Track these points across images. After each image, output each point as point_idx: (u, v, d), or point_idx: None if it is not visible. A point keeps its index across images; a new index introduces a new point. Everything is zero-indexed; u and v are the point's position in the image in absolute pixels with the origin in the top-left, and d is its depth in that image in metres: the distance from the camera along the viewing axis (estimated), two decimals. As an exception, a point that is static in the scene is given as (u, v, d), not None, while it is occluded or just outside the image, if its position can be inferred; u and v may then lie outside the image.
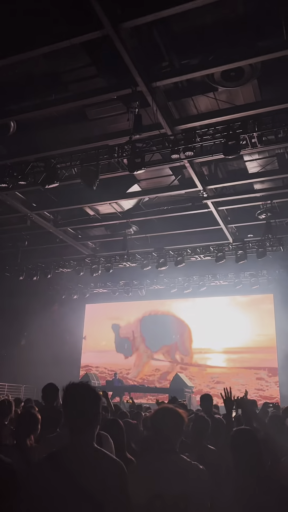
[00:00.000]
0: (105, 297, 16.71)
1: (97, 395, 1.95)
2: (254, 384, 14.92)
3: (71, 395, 1.92)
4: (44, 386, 4.12)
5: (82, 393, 1.92)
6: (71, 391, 1.93)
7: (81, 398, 1.90)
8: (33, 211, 11.26)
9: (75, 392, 1.93)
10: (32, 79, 7.36)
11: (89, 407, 1.90)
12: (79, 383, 1.98)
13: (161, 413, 2.27)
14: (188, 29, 6.44)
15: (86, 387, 1.96)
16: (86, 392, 1.93)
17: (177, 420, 2.21)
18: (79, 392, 1.93)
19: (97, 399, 1.94)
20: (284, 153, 8.91)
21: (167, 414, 2.24)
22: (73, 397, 1.92)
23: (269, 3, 6.00)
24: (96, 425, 1.92)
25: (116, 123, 8.00)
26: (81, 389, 1.94)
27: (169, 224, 12.17)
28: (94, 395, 1.94)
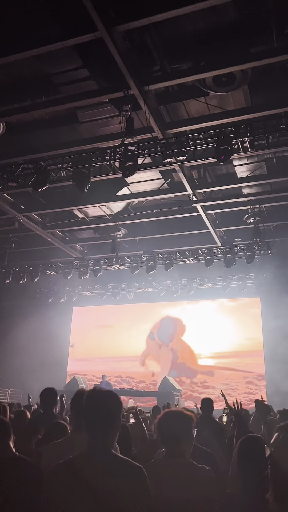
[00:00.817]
0: (93, 300, 16.62)
1: (118, 402, 1.91)
2: (243, 388, 14.98)
3: (93, 402, 1.88)
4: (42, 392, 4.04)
5: (105, 400, 1.88)
6: (94, 398, 1.88)
7: (104, 404, 1.86)
8: (21, 213, 11.15)
9: (98, 398, 1.88)
10: (23, 81, 7.31)
11: (111, 413, 1.86)
12: (101, 389, 1.94)
13: (169, 416, 2.23)
14: (180, 34, 6.48)
15: (109, 393, 1.91)
16: (109, 399, 1.88)
17: (186, 423, 2.18)
18: (101, 398, 1.88)
19: (119, 406, 1.90)
20: (273, 158, 9.02)
21: (175, 417, 2.21)
22: (95, 404, 1.87)
23: (260, 10, 6.08)
24: (117, 432, 1.89)
25: (107, 126, 7.99)
26: (104, 396, 1.90)
27: (158, 227, 12.21)
28: (117, 401, 1.90)
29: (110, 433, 1.86)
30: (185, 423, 2.19)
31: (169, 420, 2.22)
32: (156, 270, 12.95)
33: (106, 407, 1.85)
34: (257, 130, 6.88)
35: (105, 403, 1.86)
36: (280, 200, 10.46)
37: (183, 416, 2.22)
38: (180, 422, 2.19)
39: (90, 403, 1.87)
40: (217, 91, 7.13)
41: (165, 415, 2.28)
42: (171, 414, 2.27)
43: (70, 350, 17.68)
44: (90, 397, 1.89)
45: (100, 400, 1.87)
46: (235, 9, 6.13)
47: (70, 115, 7.96)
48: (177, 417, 2.22)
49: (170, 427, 2.19)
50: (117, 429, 1.88)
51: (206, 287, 15.05)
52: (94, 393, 1.91)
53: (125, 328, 17.16)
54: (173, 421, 2.20)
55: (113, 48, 5.80)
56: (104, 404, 1.85)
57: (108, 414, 1.85)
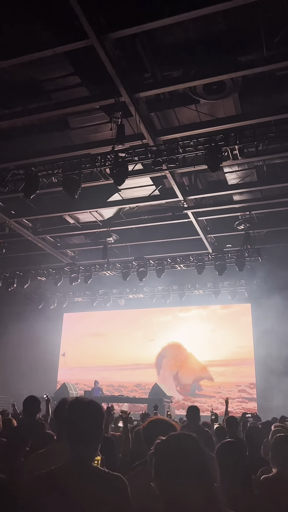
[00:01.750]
0: (84, 306, 16.54)
1: (101, 412, 1.89)
2: (236, 396, 14.95)
3: (75, 412, 1.85)
4: (24, 399, 4.01)
5: (86, 410, 1.85)
6: (76, 408, 1.87)
7: (85, 415, 1.84)
8: (11, 218, 11.11)
9: (80, 409, 1.86)
10: (15, 87, 7.31)
11: (93, 424, 1.84)
12: (83, 399, 1.92)
13: (153, 425, 2.23)
14: (171, 42, 6.54)
15: (92, 404, 1.89)
16: (91, 410, 1.86)
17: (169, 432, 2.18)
18: (83, 408, 1.86)
19: (100, 417, 1.88)
20: (263, 166, 9.10)
21: (159, 425, 2.19)
22: (77, 414, 1.85)
23: (250, 20, 6.16)
24: (99, 442, 1.87)
25: (98, 132, 8.01)
26: (86, 406, 1.87)
27: (150, 233, 12.22)
28: (98, 412, 1.88)
29: (92, 444, 1.84)
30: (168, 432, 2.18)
31: (153, 429, 2.20)
32: (147, 276, 12.94)
33: (88, 418, 1.83)
34: (247, 138, 6.94)
35: (87, 414, 1.84)
36: (270, 207, 10.55)
37: (167, 425, 2.20)
38: (162, 432, 2.17)
39: (72, 414, 1.85)
40: (207, 99, 7.19)
41: (150, 423, 2.27)
42: (155, 422, 2.25)
43: (61, 358, 17.56)
44: (72, 407, 1.87)
45: (83, 411, 1.85)
46: (225, 19, 6.21)
47: (62, 121, 7.98)
48: (161, 426, 2.20)
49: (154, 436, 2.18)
50: (99, 439, 1.86)
51: (197, 293, 15.07)
52: (76, 403, 1.89)
53: (116, 335, 17.09)
54: (156, 430, 2.19)
55: (104, 56, 5.83)
56: (86, 415, 1.84)
57: (90, 425, 1.83)
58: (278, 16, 6.12)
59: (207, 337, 16.01)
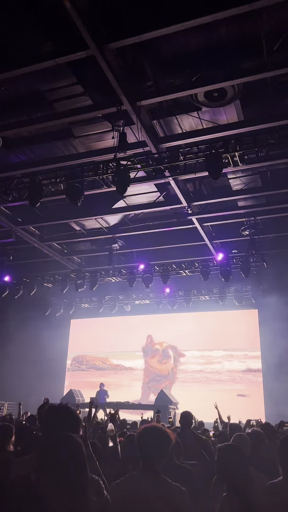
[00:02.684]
0: (91, 313, 16.59)
1: (77, 419, 1.93)
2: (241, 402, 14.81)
3: (51, 419, 1.91)
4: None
5: (61, 417, 1.90)
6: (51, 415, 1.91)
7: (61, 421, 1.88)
8: (18, 225, 11.23)
9: (54, 416, 1.91)
10: (19, 97, 7.43)
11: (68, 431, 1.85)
12: (59, 405, 1.96)
13: (147, 432, 2.24)
14: (172, 50, 6.59)
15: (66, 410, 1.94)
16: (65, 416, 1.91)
17: (162, 440, 2.18)
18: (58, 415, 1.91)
19: (77, 423, 1.92)
20: (267, 171, 9.10)
21: (152, 433, 2.21)
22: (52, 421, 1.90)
23: (251, 27, 6.20)
24: None
25: (101, 141, 8.09)
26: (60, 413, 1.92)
27: (155, 239, 12.25)
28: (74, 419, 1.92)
29: None
30: (161, 440, 2.19)
31: (146, 436, 2.22)
32: (153, 283, 12.96)
33: (63, 426, 1.87)
34: (247, 144, 6.96)
35: (62, 421, 1.88)
36: (275, 213, 10.53)
37: (160, 433, 2.21)
38: (155, 439, 2.18)
39: (48, 421, 1.90)
40: (209, 106, 7.23)
41: (143, 430, 2.29)
42: (148, 430, 2.27)
43: (67, 362, 17.61)
44: (48, 415, 1.92)
45: (58, 418, 1.90)
46: (226, 26, 6.25)
47: (65, 130, 8.07)
48: (154, 434, 2.21)
49: (146, 443, 2.19)
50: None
51: (203, 299, 15.03)
52: (52, 411, 1.93)
53: (123, 340, 17.09)
54: (149, 437, 2.20)
55: (105, 66, 5.91)
56: (61, 423, 1.88)
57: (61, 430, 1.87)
58: (279, 22, 6.15)
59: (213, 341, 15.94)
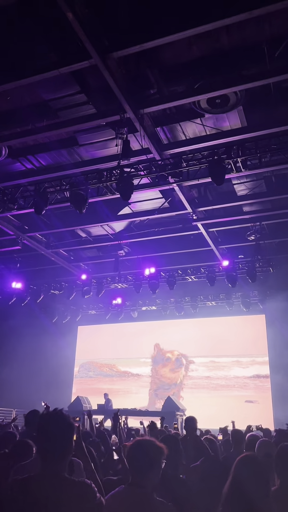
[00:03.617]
0: (98, 319, 16.62)
1: (70, 425, 1.93)
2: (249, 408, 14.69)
3: (44, 425, 1.93)
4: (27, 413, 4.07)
5: (54, 423, 1.91)
6: (44, 421, 1.94)
7: (53, 428, 1.89)
8: (25, 233, 11.32)
9: (48, 422, 1.93)
10: (25, 106, 7.53)
11: (60, 437, 1.89)
12: (53, 411, 1.98)
13: (136, 446, 2.22)
14: (175, 58, 6.64)
15: (60, 416, 1.94)
16: (58, 422, 1.91)
17: (150, 454, 2.15)
18: (51, 421, 1.92)
19: (69, 429, 1.92)
20: (271, 176, 9.09)
21: (141, 447, 2.19)
22: (45, 427, 1.91)
23: (252, 34, 6.24)
24: (67, 456, 1.91)
25: (105, 148, 8.15)
26: (54, 419, 1.93)
27: (160, 245, 12.27)
28: (67, 425, 1.93)
29: (59, 456, 1.89)
30: (150, 455, 2.16)
31: (136, 451, 2.20)
32: (160, 289, 12.96)
33: (53, 432, 1.88)
34: (249, 150, 6.97)
35: (53, 427, 1.89)
36: (280, 218, 10.49)
37: (151, 447, 2.18)
38: (144, 454, 2.15)
39: (39, 427, 1.92)
40: (212, 113, 7.27)
41: (135, 443, 2.27)
42: (139, 443, 2.24)
43: (75, 369, 17.63)
44: (40, 421, 1.93)
45: (49, 424, 1.91)
46: (227, 34, 6.30)
47: (70, 138, 8.16)
48: (144, 449, 2.18)
49: (135, 458, 2.18)
50: (67, 452, 1.91)
51: (210, 304, 14.98)
52: (45, 417, 1.95)
53: (130, 347, 17.08)
54: (139, 452, 2.18)
55: (108, 75, 5.98)
56: (52, 428, 1.89)
57: (56, 438, 1.88)
58: (280, 29, 6.19)
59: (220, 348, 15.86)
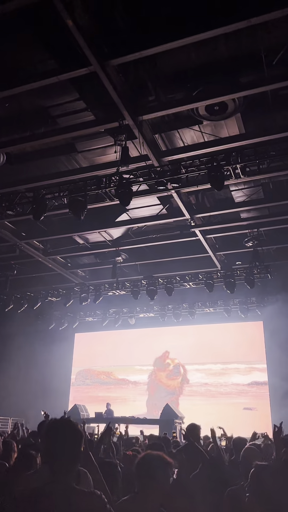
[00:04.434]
0: (95, 326, 16.53)
1: (79, 433, 1.89)
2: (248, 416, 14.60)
3: (52, 434, 1.87)
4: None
5: (63, 432, 1.85)
6: (53, 428, 1.89)
7: (62, 437, 1.84)
8: (22, 240, 11.29)
9: (56, 431, 1.87)
10: (22, 113, 7.54)
11: (70, 447, 1.84)
12: (60, 420, 1.92)
13: (145, 460, 2.22)
14: (173, 65, 6.68)
15: (68, 424, 1.89)
16: (67, 431, 1.86)
17: (156, 469, 2.16)
18: (60, 430, 1.87)
19: (79, 438, 1.87)
20: (269, 183, 9.13)
21: (148, 462, 2.20)
22: (54, 436, 1.86)
23: (250, 42, 6.28)
24: (76, 465, 1.87)
25: (104, 155, 8.17)
26: (63, 427, 1.88)
27: (158, 252, 12.27)
28: (76, 433, 1.88)
29: (68, 467, 1.84)
30: (154, 469, 2.16)
31: (143, 464, 2.21)
32: (158, 296, 12.93)
33: (64, 440, 1.84)
34: (248, 156, 7.00)
35: (62, 436, 1.85)
36: (278, 224, 10.52)
37: (158, 461, 2.18)
38: (151, 468, 2.15)
39: (47, 437, 1.87)
40: (210, 120, 7.30)
41: (145, 456, 2.27)
42: (148, 458, 2.24)
43: (72, 377, 17.50)
44: (48, 430, 1.89)
45: (58, 433, 1.86)
46: (225, 41, 6.34)
47: (69, 145, 8.16)
48: (150, 463, 2.19)
49: (143, 471, 2.18)
50: (76, 462, 1.87)
51: (208, 311, 14.96)
52: (52, 426, 1.90)
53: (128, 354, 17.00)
54: (146, 465, 2.19)
55: (107, 82, 6.00)
56: (62, 437, 1.85)
57: (67, 447, 1.84)
58: (278, 37, 6.24)
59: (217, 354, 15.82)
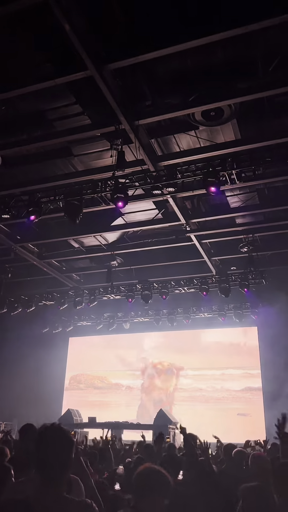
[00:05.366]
0: (90, 330, 16.47)
1: (70, 441, 1.85)
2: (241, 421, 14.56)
3: (42, 441, 1.84)
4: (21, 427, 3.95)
5: (54, 440, 1.82)
6: (44, 436, 1.86)
7: (52, 445, 1.81)
8: (17, 243, 11.24)
9: (46, 438, 1.84)
10: (19, 116, 7.53)
11: (60, 454, 1.81)
12: (52, 427, 1.88)
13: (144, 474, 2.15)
14: (170, 71, 6.70)
15: (59, 432, 1.85)
16: (57, 438, 1.83)
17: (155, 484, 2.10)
18: (50, 438, 1.83)
19: (69, 446, 1.84)
20: (264, 189, 9.16)
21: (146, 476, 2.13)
22: (44, 444, 1.82)
23: (246, 48, 6.33)
24: (67, 473, 1.85)
25: (100, 159, 8.17)
26: (53, 435, 1.84)
27: (153, 256, 12.26)
28: (66, 441, 1.85)
29: (59, 475, 1.82)
30: (153, 483, 2.09)
31: (141, 478, 2.14)
32: (152, 300, 12.91)
33: (53, 449, 1.80)
34: (244, 162, 7.03)
35: (53, 444, 1.82)
36: (273, 230, 10.56)
37: (156, 475, 2.11)
38: (155, 484, 2.09)
39: (38, 444, 1.84)
40: (206, 125, 7.33)
41: (143, 470, 2.17)
42: (146, 472, 2.16)
43: (65, 382, 17.41)
44: (38, 438, 1.86)
45: (49, 440, 1.83)
46: (222, 48, 6.38)
47: (65, 148, 8.16)
48: (148, 477, 2.12)
49: (141, 485, 2.11)
50: (67, 470, 1.85)
51: (203, 316, 14.95)
52: (43, 432, 1.87)
53: (122, 358, 16.96)
54: (144, 479, 2.12)
55: (103, 86, 6.01)
56: (52, 445, 1.81)
57: (56, 457, 1.81)
58: (274, 44, 6.28)
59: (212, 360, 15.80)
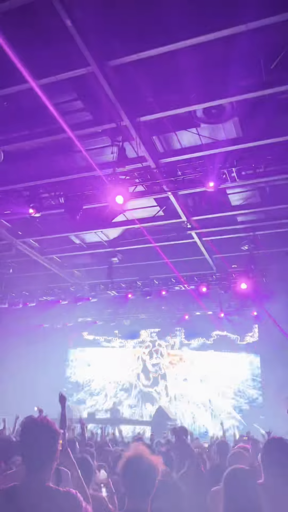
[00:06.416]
0: (90, 326, 16.51)
1: (54, 432, 1.88)
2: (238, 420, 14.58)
3: (27, 432, 1.88)
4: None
5: (38, 431, 1.86)
6: (27, 428, 1.89)
7: (36, 435, 1.84)
8: (18, 239, 11.27)
9: (31, 430, 1.88)
10: (21, 111, 7.54)
11: (44, 445, 1.84)
12: (36, 419, 1.93)
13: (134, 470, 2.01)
14: (172, 67, 6.70)
15: (43, 423, 1.89)
16: (42, 430, 1.86)
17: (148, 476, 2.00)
18: (35, 429, 1.87)
19: (53, 437, 1.88)
20: (266, 187, 9.15)
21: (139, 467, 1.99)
22: (29, 434, 1.87)
23: (249, 45, 6.30)
24: (51, 464, 1.87)
25: (101, 155, 8.17)
26: (38, 426, 1.88)
27: (154, 253, 12.27)
28: (51, 432, 1.88)
29: (43, 465, 1.85)
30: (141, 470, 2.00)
31: (130, 466, 2.04)
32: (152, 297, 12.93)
33: (37, 440, 1.84)
34: (245, 160, 7.02)
35: (37, 435, 1.85)
36: (274, 228, 10.55)
37: (147, 469, 1.98)
38: (143, 475, 1.99)
39: (22, 435, 1.87)
40: (207, 122, 7.32)
41: (132, 458, 2.03)
42: (134, 459, 2.01)
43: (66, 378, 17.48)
44: (23, 429, 1.89)
45: (34, 433, 1.87)
46: (224, 45, 6.36)
47: (66, 144, 8.16)
48: (137, 464, 2.00)
49: (130, 472, 2.02)
50: (51, 461, 1.87)
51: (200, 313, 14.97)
52: (28, 425, 1.91)
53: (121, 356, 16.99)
54: (133, 467, 2.02)
55: (105, 82, 6.01)
56: (38, 437, 1.85)
57: (40, 447, 1.84)
58: (276, 41, 6.27)
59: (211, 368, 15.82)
